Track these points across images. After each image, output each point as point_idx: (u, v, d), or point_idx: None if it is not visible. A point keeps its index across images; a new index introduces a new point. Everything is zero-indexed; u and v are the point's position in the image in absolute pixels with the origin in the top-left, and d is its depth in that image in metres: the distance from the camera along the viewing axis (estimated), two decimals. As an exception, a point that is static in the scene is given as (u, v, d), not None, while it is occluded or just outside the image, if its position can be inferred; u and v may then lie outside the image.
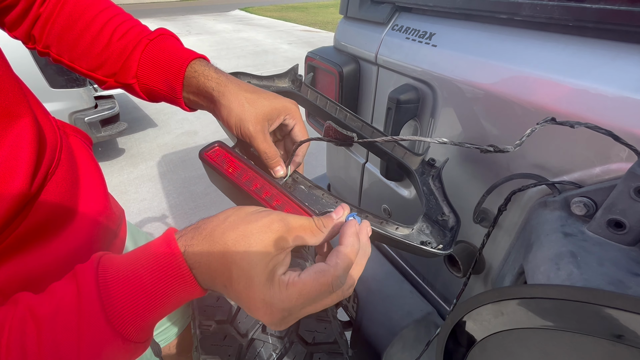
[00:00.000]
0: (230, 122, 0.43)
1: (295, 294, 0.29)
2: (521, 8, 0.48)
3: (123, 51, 0.45)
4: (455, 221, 0.49)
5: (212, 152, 0.43)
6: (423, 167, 0.57)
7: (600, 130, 0.35)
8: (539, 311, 0.27)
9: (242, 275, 0.28)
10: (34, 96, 0.44)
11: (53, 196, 0.40)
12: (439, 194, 0.53)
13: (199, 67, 0.44)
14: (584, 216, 0.40)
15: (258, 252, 0.28)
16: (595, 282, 0.33)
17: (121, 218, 0.58)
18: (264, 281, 0.28)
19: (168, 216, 2.33)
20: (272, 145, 0.44)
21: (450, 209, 0.51)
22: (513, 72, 0.49)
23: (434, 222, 0.49)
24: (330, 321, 0.63)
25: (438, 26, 0.63)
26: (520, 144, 0.37)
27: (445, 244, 0.46)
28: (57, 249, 0.41)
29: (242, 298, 0.29)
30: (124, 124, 2.77)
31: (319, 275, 0.29)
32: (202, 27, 9.30)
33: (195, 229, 0.30)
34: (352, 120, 0.58)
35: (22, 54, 2.04)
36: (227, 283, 0.29)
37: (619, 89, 0.39)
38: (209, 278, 0.30)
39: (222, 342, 0.57)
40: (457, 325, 0.35)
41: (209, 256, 0.29)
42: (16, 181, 0.34)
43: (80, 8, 0.46)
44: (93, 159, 0.53)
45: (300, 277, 0.29)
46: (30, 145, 0.36)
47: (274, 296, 0.28)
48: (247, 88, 0.44)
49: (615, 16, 0.39)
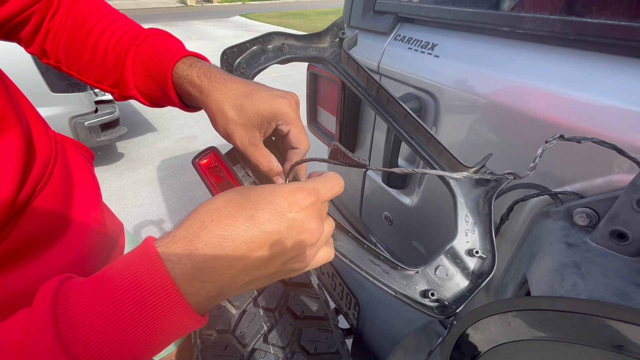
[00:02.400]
0: (218, 131, 0.40)
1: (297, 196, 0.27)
2: (523, 21, 0.49)
3: (117, 60, 0.44)
4: (490, 267, 0.37)
5: (204, 160, 0.42)
6: (474, 182, 0.43)
7: (605, 144, 0.35)
8: (545, 323, 0.27)
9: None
10: (31, 107, 0.43)
11: (40, 213, 0.37)
12: (484, 222, 0.40)
13: (183, 71, 0.41)
14: (587, 227, 0.41)
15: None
16: (600, 293, 0.33)
17: (118, 234, 0.55)
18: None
19: (167, 221, 2.32)
20: (265, 156, 0.40)
21: (492, 247, 0.39)
22: (515, 83, 0.50)
23: (458, 260, 0.38)
24: (332, 330, 0.62)
25: (440, 37, 0.64)
26: (535, 166, 0.36)
27: (455, 299, 0.35)
28: (40, 268, 0.38)
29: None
30: (123, 129, 2.77)
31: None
32: (202, 32, 9.37)
33: (177, 226, 0.27)
34: (393, 106, 0.45)
35: (24, 58, 2.04)
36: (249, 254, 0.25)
37: (620, 102, 0.39)
38: (207, 275, 0.25)
39: (224, 352, 0.57)
40: (461, 336, 0.35)
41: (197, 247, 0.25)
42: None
43: (81, 18, 0.45)
44: (91, 174, 0.50)
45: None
46: (15, 159, 0.34)
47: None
48: (230, 94, 0.39)
49: (615, 31, 0.40)
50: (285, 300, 0.66)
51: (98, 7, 0.47)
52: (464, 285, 0.37)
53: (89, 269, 0.46)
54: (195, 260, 0.25)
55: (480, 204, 0.41)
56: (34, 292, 0.35)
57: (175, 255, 0.25)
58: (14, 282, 0.36)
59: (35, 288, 0.36)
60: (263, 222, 0.26)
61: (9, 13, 0.42)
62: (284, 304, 0.66)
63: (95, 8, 0.47)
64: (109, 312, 0.22)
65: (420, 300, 0.36)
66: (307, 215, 0.28)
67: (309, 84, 0.97)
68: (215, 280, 0.26)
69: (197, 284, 0.25)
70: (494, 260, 0.38)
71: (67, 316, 0.22)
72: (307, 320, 0.65)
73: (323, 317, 0.66)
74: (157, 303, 0.24)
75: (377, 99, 0.47)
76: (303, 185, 0.29)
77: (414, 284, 0.37)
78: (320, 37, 0.50)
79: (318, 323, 0.65)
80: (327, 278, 1.01)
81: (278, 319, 0.62)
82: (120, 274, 0.24)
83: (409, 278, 0.37)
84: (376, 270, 0.37)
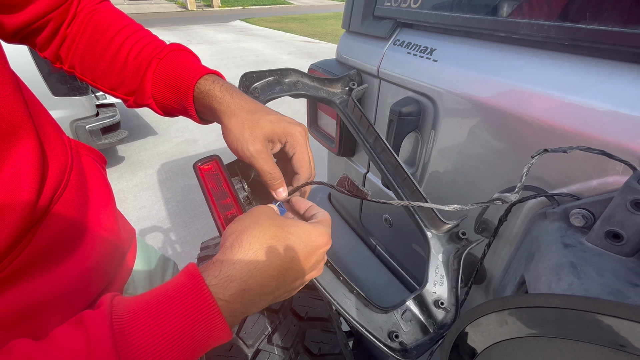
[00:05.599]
0: (229, 142, 0.42)
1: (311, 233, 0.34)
2: (519, 27, 0.50)
3: (137, 70, 0.46)
4: (452, 320, 0.40)
5: (206, 165, 0.43)
6: (447, 237, 0.46)
7: (593, 150, 0.36)
8: (541, 320, 0.28)
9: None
10: (46, 114, 0.43)
11: (59, 220, 0.38)
12: (452, 277, 0.43)
13: (205, 87, 0.44)
14: (583, 227, 0.42)
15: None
16: (596, 292, 0.34)
17: (131, 240, 0.56)
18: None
19: (167, 224, 2.32)
20: (275, 166, 0.42)
21: (456, 301, 0.41)
22: (512, 87, 0.51)
23: (424, 308, 0.40)
24: (336, 332, 0.63)
25: (439, 42, 0.65)
26: (522, 185, 0.39)
27: (417, 345, 0.37)
28: (60, 277, 0.38)
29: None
30: (124, 132, 2.78)
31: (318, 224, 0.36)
32: (203, 37, 9.42)
33: (220, 262, 0.29)
34: (386, 155, 0.49)
35: (25, 61, 2.06)
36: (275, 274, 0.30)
37: (615, 105, 0.40)
38: (244, 302, 0.29)
39: (228, 353, 0.57)
40: (460, 335, 0.36)
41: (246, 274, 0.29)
42: (17, 207, 0.32)
43: (101, 28, 0.47)
44: (105, 180, 0.51)
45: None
46: (34, 167, 0.34)
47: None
48: (249, 108, 0.42)
49: (609, 36, 0.41)
50: (289, 302, 0.67)
51: (118, 18, 0.49)
52: (427, 334, 0.39)
53: (104, 275, 0.46)
54: (246, 299, 0.29)
55: (450, 259, 0.45)
56: (54, 300, 0.37)
57: (231, 296, 0.28)
58: (35, 291, 0.36)
59: (55, 296, 0.38)
60: (297, 262, 0.32)
61: (26, 20, 0.43)
62: (287, 305, 0.66)
63: (116, 19, 0.48)
64: (164, 349, 0.24)
65: (385, 341, 0.37)
66: (323, 257, 0.36)
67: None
68: (251, 311, 0.30)
69: (240, 316, 0.29)
70: (456, 314, 0.40)
71: (127, 349, 0.23)
72: (311, 321, 0.65)
73: (327, 318, 0.67)
74: (208, 339, 0.26)
75: (373, 145, 0.52)
76: (326, 230, 0.36)
77: (381, 323, 0.38)
78: (333, 83, 0.55)
79: (322, 324, 0.65)
80: (328, 280, 1.01)
81: (282, 320, 0.63)
82: (174, 311, 0.25)
83: (377, 317, 0.38)
84: (347, 304, 0.38)
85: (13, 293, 0.34)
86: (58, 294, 0.38)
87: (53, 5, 0.44)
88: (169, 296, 0.26)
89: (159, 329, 0.24)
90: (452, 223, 0.45)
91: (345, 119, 0.54)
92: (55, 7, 0.45)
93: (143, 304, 0.25)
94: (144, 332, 0.24)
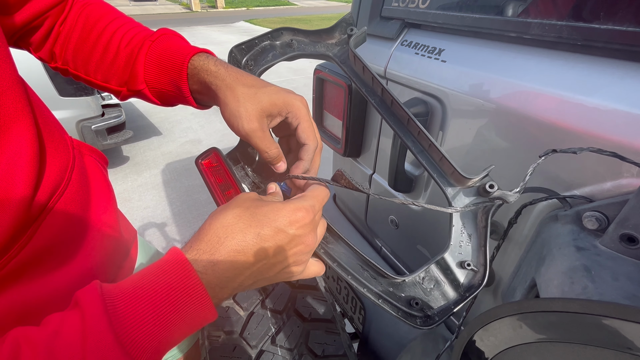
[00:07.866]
0: (226, 118, 0.41)
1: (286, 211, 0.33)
2: (530, 27, 0.49)
3: (129, 57, 0.45)
4: (480, 281, 0.37)
5: (206, 159, 0.43)
6: (474, 191, 0.41)
7: (604, 152, 0.36)
8: (557, 324, 0.27)
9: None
10: (49, 114, 0.43)
11: (60, 219, 0.38)
12: (480, 235, 0.39)
13: (199, 62, 0.42)
14: (596, 230, 0.41)
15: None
16: (611, 296, 0.33)
17: (132, 240, 0.55)
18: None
19: (171, 224, 2.33)
20: (271, 142, 0.41)
21: (484, 261, 0.38)
22: (522, 88, 0.50)
23: (448, 271, 0.38)
24: (339, 333, 0.62)
25: (447, 42, 0.64)
26: (525, 184, 0.38)
27: (439, 310, 0.35)
28: (60, 277, 0.38)
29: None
30: (129, 132, 2.80)
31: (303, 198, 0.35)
32: (207, 37, 9.46)
33: (197, 237, 0.32)
34: (397, 109, 0.44)
35: (32, 63, 2.07)
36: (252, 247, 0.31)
37: (629, 107, 0.40)
38: (224, 275, 0.30)
39: (232, 354, 0.57)
40: (471, 339, 0.35)
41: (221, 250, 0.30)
42: (12, 203, 0.31)
43: (92, 21, 0.46)
44: (106, 180, 0.51)
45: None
46: (29, 163, 0.34)
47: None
48: (246, 82, 0.41)
49: (623, 36, 0.41)
50: (293, 303, 0.67)
51: (109, 11, 0.49)
52: (451, 297, 0.36)
53: (104, 276, 0.46)
54: (217, 270, 0.30)
55: (478, 216, 0.40)
56: (54, 301, 0.38)
57: (202, 267, 0.30)
58: (34, 291, 0.36)
59: (56, 296, 0.38)
60: (268, 238, 0.32)
61: (25, 18, 0.43)
62: (291, 306, 0.66)
63: (106, 11, 0.48)
64: (153, 315, 0.27)
65: (404, 308, 0.35)
66: (305, 231, 0.34)
67: (315, 88, 0.97)
68: (229, 286, 0.31)
69: (216, 289, 0.31)
70: (484, 274, 0.38)
71: (120, 320, 0.26)
72: (315, 322, 0.65)
73: (330, 319, 0.66)
74: (192, 307, 0.29)
75: (381, 100, 0.46)
76: (302, 204, 0.34)
77: (400, 291, 0.36)
78: (329, 33, 0.49)
79: (325, 325, 0.65)
80: (332, 282, 1.01)
81: (286, 321, 0.63)
82: (159, 281, 0.28)
83: (396, 286, 0.36)
84: (364, 275, 0.37)
85: (12, 293, 0.34)
86: (58, 294, 0.38)
87: (51, 4, 0.44)
88: (153, 270, 0.29)
89: (145, 296, 0.27)
90: (477, 177, 0.40)
91: (347, 74, 0.49)
92: (54, 5, 0.45)
93: (128, 279, 0.29)
94: (132, 302, 0.26)
